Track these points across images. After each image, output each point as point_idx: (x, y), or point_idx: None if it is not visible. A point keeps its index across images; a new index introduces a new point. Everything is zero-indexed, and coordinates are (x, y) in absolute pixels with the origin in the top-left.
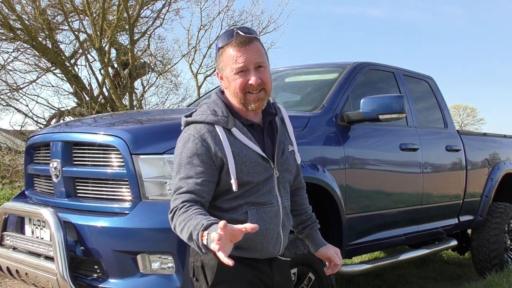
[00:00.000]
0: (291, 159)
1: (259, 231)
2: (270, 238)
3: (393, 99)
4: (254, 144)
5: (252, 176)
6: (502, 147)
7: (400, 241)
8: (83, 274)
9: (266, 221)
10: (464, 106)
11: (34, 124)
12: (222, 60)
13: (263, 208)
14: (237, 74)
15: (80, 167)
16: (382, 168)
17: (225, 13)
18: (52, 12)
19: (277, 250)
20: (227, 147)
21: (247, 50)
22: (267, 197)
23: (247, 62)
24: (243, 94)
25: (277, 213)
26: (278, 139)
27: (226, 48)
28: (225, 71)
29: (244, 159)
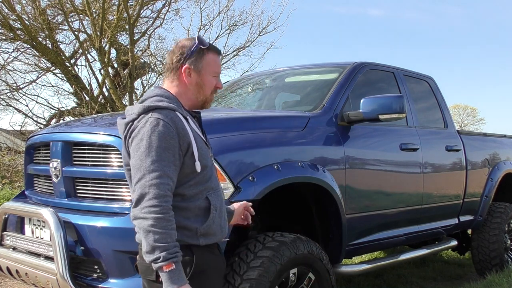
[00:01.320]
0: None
1: (218, 214)
2: (224, 219)
3: (393, 99)
4: (199, 131)
5: (206, 159)
6: (502, 147)
7: (400, 241)
8: (83, 274)
9: (221, 203)
10: (464, 106)
11: (34, 124)
12: (204, 60)
13: (216, 192)
14: (214, 77)
15: (80, 167)
16: (382, 168)
17: (225, 13)
18: (52, 12)
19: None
20: (190, 131)
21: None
22: (216, 181)
23: (220, 70)
24: (210, 94)
25: (223, 195)
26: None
27: (210, 52)
28: (203, 71)
29: (200, 144)
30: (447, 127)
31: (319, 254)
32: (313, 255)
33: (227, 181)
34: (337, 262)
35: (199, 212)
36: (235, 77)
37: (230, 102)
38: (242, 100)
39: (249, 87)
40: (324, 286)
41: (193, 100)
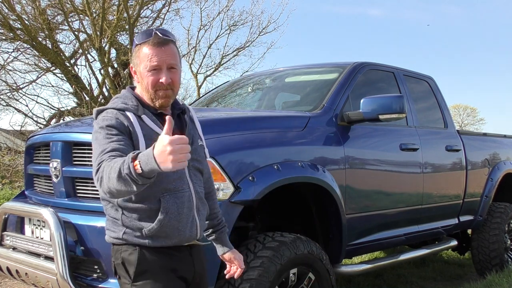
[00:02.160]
0: (201, 151)
1: (174, 217)
2: (185, 222)
3: (393, 99)
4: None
5: None
6: (502, 147)
7: (400, 241)
8: (83, 274)
9: (179, 206)
10: (464, 106)
11: (34, 124)
12: (138, 56)
13: (175, 194)
14: (150, 72)
15: (80, 167)
16: (382, 168)
17: (225, 13)
18: (52, 12)
19: (194, 233)
20: (138, 128)
21: (162, 51)
22: (178, 183)
23: (160, 62)
24: (153, 90)
25: (190, 198)
26: (187, 130)
27: (143, 45)
28: (139, 67)
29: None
30: (447, 127)
31: (319, 254)
32: (313, 255)
33: (227, 181)
34: (337, 262)
35: (151, 213)
36: (235, 77)
37: (230, 102)
38: (242, 100)
39: (249, 87)
40: (324, 286)
41: (147, 99)
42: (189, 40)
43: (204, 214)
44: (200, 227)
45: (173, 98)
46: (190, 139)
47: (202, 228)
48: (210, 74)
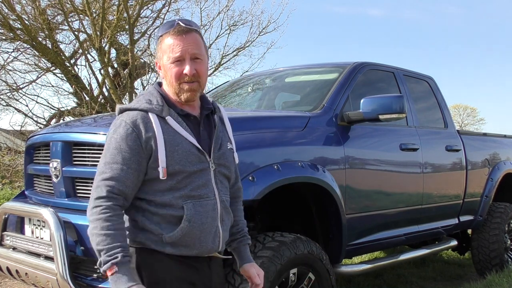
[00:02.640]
0: (229, 156)
1: (196, 226)
2: (207, 232)
3: (393, 99)
4: (189, 134)
5: (184, 165)
6: (502, 147)
7: (400, 241)
8: (83, 274)
9: (202, 215)
10: (464, 106)
11: (34, 124)
12: (161, 49)
13: (200, 201)
14: (173, 63)
15: (80, 167)
16: (382, 168)
17: (225, 13)
18: (52, 12)
19: (216, 245)
20: (159, 134)
21: (184, 40)
22: (203, 190)
23: (183, 51)
24: (177, 83)
25: (214, 207)
26: (216, 133)
27: (165, 37)
28: (162, 60)
29: (176, 147)
30: (447, 127)
31: (319, 254)
32: (313, 255)
33: None
34: (337, 262)
35: (173, 220)
36: (235, 77)
37: (230, 102)
38: (242, 100)
39: (249, 87)
40: (324, 286)
41: (171, 95)
42: None
43: (228, 224)
44: (223, 238)
45: (199, 91)
46: (218, 143)
47: (224, 239)
48: (210, 74)
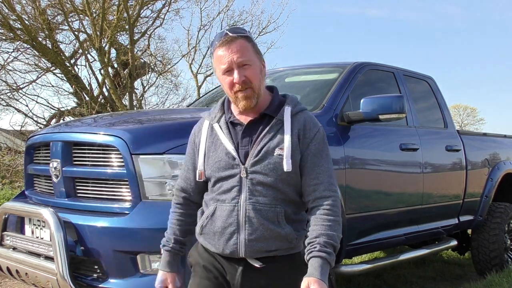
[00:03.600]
0: (273, 163)
1: (211, 226)
2: (220, 234)
3: (393, 99)
4: (228, 140)
5: (213, 171)
6: (502, 147)
7: (400, 241)
8: (83, 274)
9: (216, 219)
10: (464, 106)
11: (34, 124)
12: (214, 62)
13: (221, 205)
14: (224, 74)
15: (80, 167)
16: (382, 168)
17: (225, 13)
18: (52, 12)
19: (232, 250)
20: (203, 140)
21: (230, 50)
22: (225, 195)
23: (229, 62)
24: (232, 93)
25: (232, 213)
26: (259, 140)
27: (215, 50)
28: (216, 72)
29: (211, 153)
30: (447, 127)
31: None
32: None
33: None
34: (337, 262)
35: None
36: None
37: None
38: None
39: None
40: None
41: (232, 102)
42: (189, 40)
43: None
44: (247, 246)
45: (255, 97)
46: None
47: (251, 246)
48: (210, 74)
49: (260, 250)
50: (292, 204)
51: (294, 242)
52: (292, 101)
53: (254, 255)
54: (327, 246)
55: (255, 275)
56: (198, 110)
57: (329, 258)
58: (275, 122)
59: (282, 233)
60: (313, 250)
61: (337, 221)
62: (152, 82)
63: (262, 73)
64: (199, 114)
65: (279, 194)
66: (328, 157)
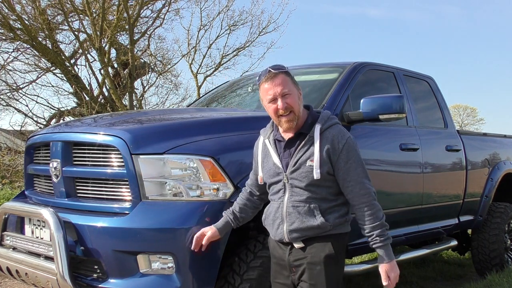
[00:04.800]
0: (305, 172)
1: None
2: (272, 225)
3: (393, 99)
4: (275, 154)
5: (266, 177)
6: (502, 147)
7: (400, 241)
8: (83, 274)
9: (270, 213)
10: (464, 106)
11: (34, 124)
12: (260, 93)
13: (273, 203)
14: (270, 103)
15: (80, 167)
16: (382, 168)
17: (225, 13)
18: (52, 12)
19: (280, 236)
20: (259, 152)
21: (273, 83)
22: (275, 196)
23: (274, 93)
24: (276, 117)
25: (278, 209)
26: (295, 153)
27: (261, 84)
28: (263, 101)
29: (265, 164)
30: (447, 127)
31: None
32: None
33: (227, 181)
34: None
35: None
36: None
37: (230, 102)
38: (242, 100)
39: (249, 87)
40: None
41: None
42: (189, 40)
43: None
44: (288, 231)
45: (295, 119)
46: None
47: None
48: (210, 74)
49: (298, 237)
50: (325, 201)
51: (329, 228)
52: (323, 119)
53: (295, 240)
54: (382, 234)
55: (299, 252)
56: (198, 110)
57: (388, 240)
58: (307, 139)
59: (315, 225)
60: (375, 242)
61: (376, 210)
62: (152, 82)
63: (299, 99)
64: (200, 113)
65: (312, 194)
66: (358, 160)
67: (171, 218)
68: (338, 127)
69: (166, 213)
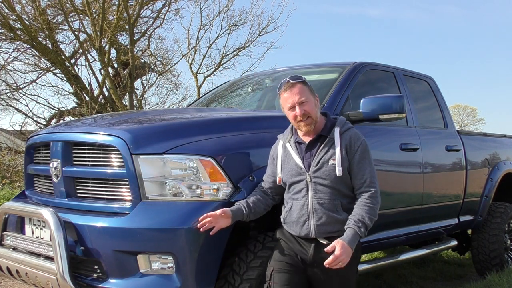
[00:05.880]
0: (328, 170)
1: (291, 216)
2: (296, 222)
3: (393, 99)
4: (296, 155)
5: (287, 177)
6: (502, 147)
7: (400, 241)
8: (83, 274)
9: (293, 212)
10: (464, 106)
11: (34, 124)
12: (280, 101)
13: (296, 202)
14: (289, 110)
15: (80, 167)
16: (382, 168)
17: (225, 13)
18: (52, 12)
19: (306, 233)
20: (280, 154)
21: (292, 92)
22: (298, 194)
23: (292, 102)
24: (296, 122)
25: (303, 206)
26: (317, 154)
27: (281, 93)
28: (283, 109)
29: (285, 165)
30: (447, 127)
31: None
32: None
33: (227, 181)
34: None
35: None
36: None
37: (230, 102)
38: (242, 100)
39: (249, 87)
40: None
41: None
42: (189, 40)
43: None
44: (315, 227)
45: (313, 123)
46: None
47: (319, 229)
48: (210, 74)
49: (325, 231)
50: (346, 197)
51: None
52: (341, 123)
53: (322, 235)
54: (359, 223)
55: (323, 250)
56: (198, 110)
57: (359, 231)
58: (328, 140)
59: (340, 218)
60: (349, 224)
61: (372, 207)
62: (152, 82)
63: (316, 105)
64: (200, 113)
65: (335, 191)
66: (370, 161)
67: (171, 218)
68: (354, 130)
69: (166, 213)
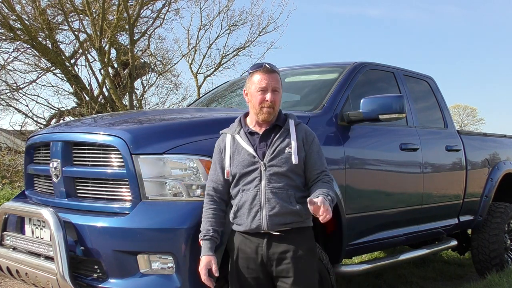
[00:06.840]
0: (285, 158)
1: (241, 211)
2: (247, 215)
3: (393, 99)
4: (248, 145)
5: (238, 169)
6: (502, 147)
7: (400, 241)
8: (83, 274)
9: (244, 203)
10: (464, 106)
11: (34, 124)
12: (250, 81)
13: (247, 193)
14: (259, 92)
15: (80, 167)
16: (382, 168)
17: (225, 13)
18: (52, 12)
19: (257, 224)
20: (228, 148)
21: (269, 77)
22: (249, 185)
23: (267, 85)
24: (259, 107)
25: (255, 196)
26: (273, 143)
27: (255, 73)
28: (250, 89)
29: (235, 156)
30: (447, 127)
31: (319, 254)
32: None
33: None
34: (337, 262)
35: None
36: (235, 77)
37: (230, 102)
38: (242, 100)
39: None
40: (324, 286)
41: (253, 115)
42: (189, 40)
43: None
44: (267, 219)
45: (273, 115)
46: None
47: (271, 220)
48: (210, 74)
49: (278, 223)
50: (299, 189)
51: (304, 217)
52: (293, 116)
53: (274, 228)
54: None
55: (276, 244)
56: (198, 110)
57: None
58: (283, 130)
59: (294, 210)
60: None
61: (332, 189)
62: (152, 82)
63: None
64: (200, 113)
65: (289, 181)
66: (323, 154)
67: (171, 218)
68: (305, 125)
69: (166, 213)
